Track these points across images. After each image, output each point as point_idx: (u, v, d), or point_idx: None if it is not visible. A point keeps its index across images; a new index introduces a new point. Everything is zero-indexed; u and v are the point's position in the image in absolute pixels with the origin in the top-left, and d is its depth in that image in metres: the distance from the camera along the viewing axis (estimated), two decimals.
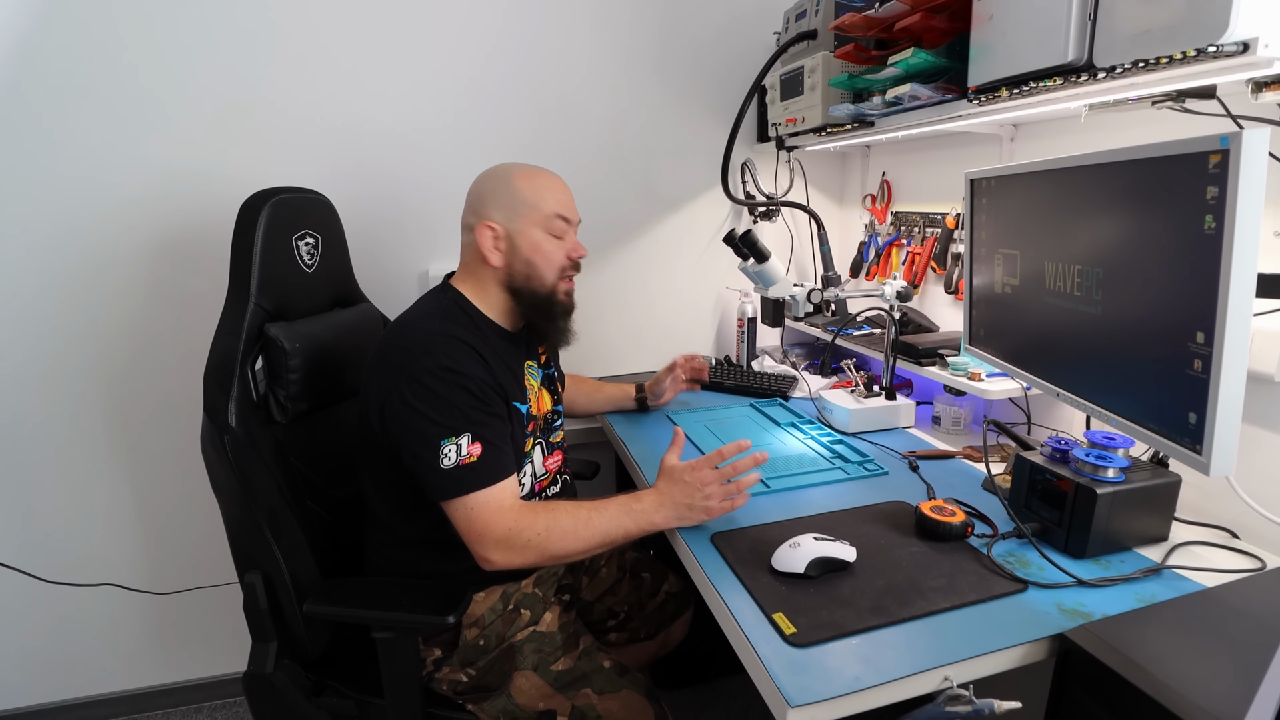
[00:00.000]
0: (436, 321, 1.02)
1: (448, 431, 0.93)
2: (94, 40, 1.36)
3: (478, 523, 0.94)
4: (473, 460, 0.94)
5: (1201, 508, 0.98)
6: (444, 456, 0.93)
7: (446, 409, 0.94)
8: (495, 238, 1.05)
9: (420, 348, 0.97)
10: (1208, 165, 0.68)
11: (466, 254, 1.09)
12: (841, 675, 0.68)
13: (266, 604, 1.04)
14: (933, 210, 1.60)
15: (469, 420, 0.95)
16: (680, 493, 0.96)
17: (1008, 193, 1.06)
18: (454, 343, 0.99)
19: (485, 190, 1.07)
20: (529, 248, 1.05)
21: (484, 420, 0.97)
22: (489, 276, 1.07)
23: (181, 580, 1.64)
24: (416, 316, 1.05)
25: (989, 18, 0.95)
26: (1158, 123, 1.00)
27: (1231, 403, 0.70)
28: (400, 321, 1.05)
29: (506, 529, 0.94)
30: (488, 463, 0.95)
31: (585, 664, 1.04)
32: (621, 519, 0.96)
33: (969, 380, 1.25)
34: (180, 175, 1.45)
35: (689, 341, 1.93)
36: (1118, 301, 0.84)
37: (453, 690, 1.04)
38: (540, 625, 1.06)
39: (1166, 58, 0.72)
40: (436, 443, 0.93)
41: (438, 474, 0.93)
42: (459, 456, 0.93)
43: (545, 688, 1.01)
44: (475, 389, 0.97)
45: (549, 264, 1.07)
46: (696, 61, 1.75)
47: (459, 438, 0.94)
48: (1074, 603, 0.79)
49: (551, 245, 1.07)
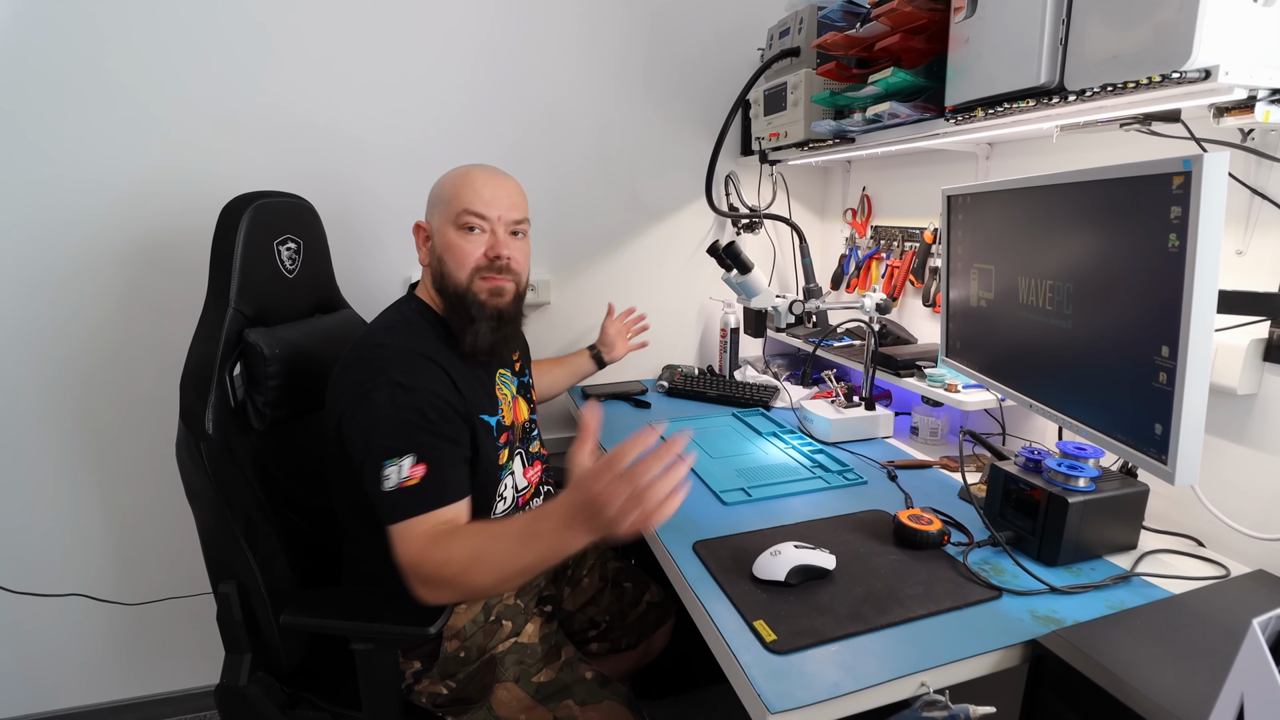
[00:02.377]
0: (397, 336, 0.99)
1: (389, 452, 0.89)
2: (72, 41, 1.34)
3: (404, 554, 0.87)
4: (413, 483, 0.88)
5: (1169, 516, 1.00)
6: (385, 478, 0.88)
7: (389, 426, 0.90)
8: (425, 237, 1.06)
9: (374, 366, 0.94)
10: (1171, 186, 0.71)
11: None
12: (821, 681, 0.69)
13: (241, 615, 1.02)
14: (911, 225, 1.63)
15: (413, 441, 0.90)
16: (586, 509, 0.75)
17: (983, 209, 1.09)
18: (413, 358, 0.95)
19: (431, 193, 1.08)
20: (441, 245, 1.03)
21: (430, 442, 0.91)
22: (429, 279, 1.07)
23: (152, 591, 1.61)
24: (376, 332, 1.01)
25: (966, 40, 0.98)
26: (1126, 144, 1.04)
27: (1195, 414, 0.72)
28: (361, 338, 1.01)
29: (430, 565, 0.85)
30: (429, 487, 0.89)
31: (567, 675, 1.03)
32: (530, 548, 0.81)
33: (946, 391, 1.28)
34: (159, 178, 1.44)
35: (672, 351, 1.94)
36: (1087, 316, 0.87)
37: (432, 703, 1.03)
38: (521, 636, 1.05)
39: (1133, 83, 0.75)
40: (379, 463, 0.88)
41: (379, 497, 0.88)
42: (400, 478, 0.88)
43: (526, 700, 1.00)
44: (426, 408, 0.92)
45: (458, 262, 1.01)
46: (682, 75, 1.78)
47: (401, 459, 0.88)
48: (1046, 609, 0.80)
49: (462, 241, 1.01)
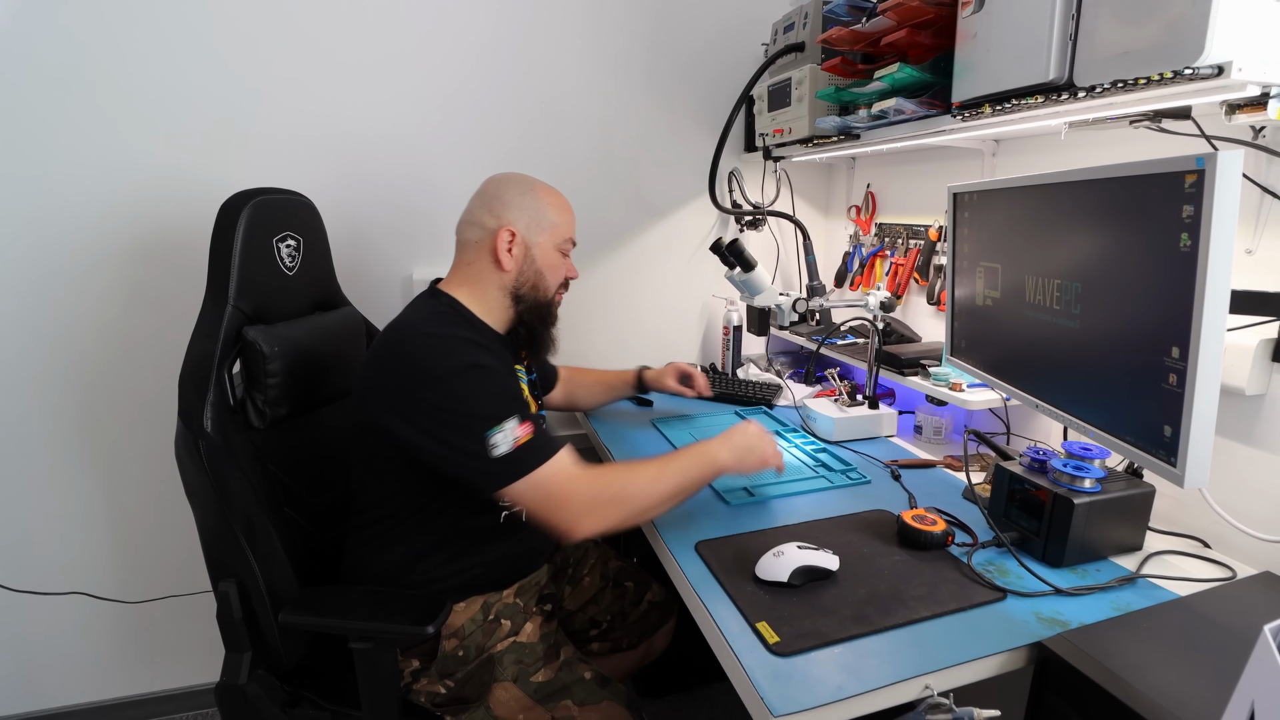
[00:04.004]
0: (443, 326, 1.01)
1: (490, 422, 0.92)
2: (71, 39, 1.33)
3: (556, 493, 0.93)
4: (528, 439, 0.93)
5: (1175, 518, 1.00)
6: (493, 446, 0.91)
7: (484, 402, 0.94)
8: (512, 243, 1.06)
9: (439, 351, 0.96)
10: (1183, 185, 0.70)
11: (470, 253, 1.08)
12: (824, 684, 0.68)
13: (241, 613, 1.01)
14: (916, 222, 1.62)
15: (509, 407, 0.95)
16: (741, 438, 1.04)
17: (989, 207, 1.08)
18: (467, 343, 0.99)
19: (509, 196, 1.08)
20: (543, 261, 1.09)
21: (521, 406, 0.97)
22: (492, 280, 1.07)
23: (152, 589, 1.60)
24: (418, 322, 1.02)
25: (973, 35, 0.97)
26: (1135, 142, 1.03)
27: (1205, 416, 0.71)
28: (401, 328, 1.02)
29: (587, 493, 0.93)
30: (542, 436, 0.95)
31: (566, 675, 1.02)
32: (689, 463, 1.00)
33: (950, 390, 1.27)
34: (159, 176, 1.43)
35: (675, 349, 1.93)
36: (1096, 316, 0.86)
37: (430, 702, 1.02)
38: (520, 636, 1.05)
39: (1144, 79, 0.74)
40: (481, 436, 0.91)
41: (495, 463, 0.91)
42: (511, 441, 0.92)
43: (525, 699, 0.99)
44: (503, 381, 0.99)
45: (555, 279, 1.12)
46: (685, 71, 1.76)
47: (505, 423, 0.92)
48: (1051, 611, 0.80)
49: (559, 262, 1.12)
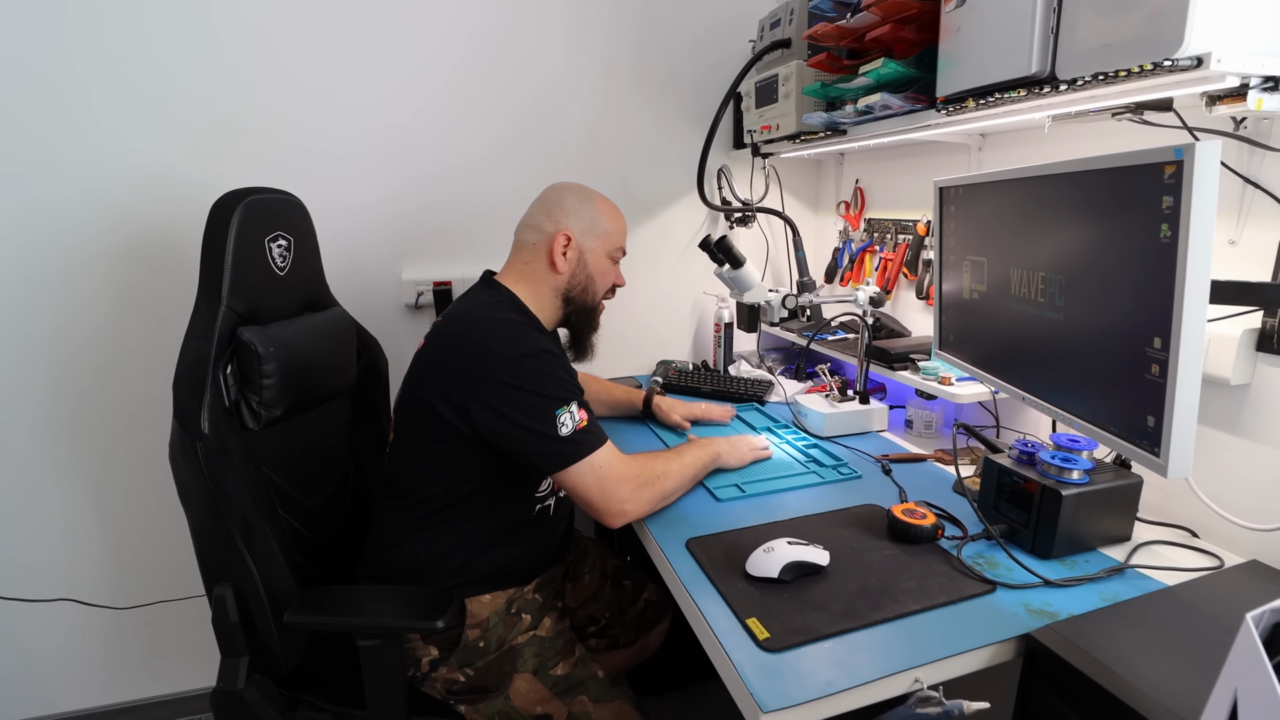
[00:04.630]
0: (510, 313, 1.08)
1: (559, 403, 0.98)
2: (60, 38, 1.32)
3: (611, 475, 1.00)
4: (586, 424, 1.01)
5: (1163, 508, 1.00)
6: (560, 425, 0.98)
7: (554, 384, 1.00)
8: (567, 247, 1.12)
9: (510, 335, 1.02)
10: (1163, 176, 0.70)
11: (527, 254, 1.14)
12: (814, 679, 0.68)
13: (238, 617, 1.01)
14: (905, 217, 1.63)
15: (573, 391, 1.02)
16: (730, 439, 1.21)
17: (975, 201, 1.08)
18: (534, 331, 1.07)
19: (568, 203, 1.15)
20: (595, 266, 1.16)
21: (580, 392, 1.04)
22: (546, 281, 1.14)
23: (142, 594, 1.59)
24: (486, 308, 1.09)
25: (957, 30, 0.97)
26: (1118, 134, 1.03)
27: (1187, 406, 0.72)
28: (468, 314, 1.09)
29: (635, 474, 1.02)
30: (596, 424, 1.03)
31: (581, 671, 1.05)
32: (697, 452, 1.14)
33: (939, 384, 1.27)
34: (149, 177, 1.42)
35: (667, 346, 1.93)
36: (1079, 307, 0.87)
37: (447, 690, 1.04)
38: (540, 630, 1.07)
39: (1125, 71, 0.75)
40: (551, 415, 0.97)
41: (559, 443, 0.97)
42: (574, 423, 0.99)
43: (544, 691, 1.02)
44: (568, 366, 1.07)
45: (604, 284, 1.20)
46: (673, 68, 1.76)
47: (570, 406, 0.99)
48: (1040, 603, 0.80)
49: (609, 269, 1.20)
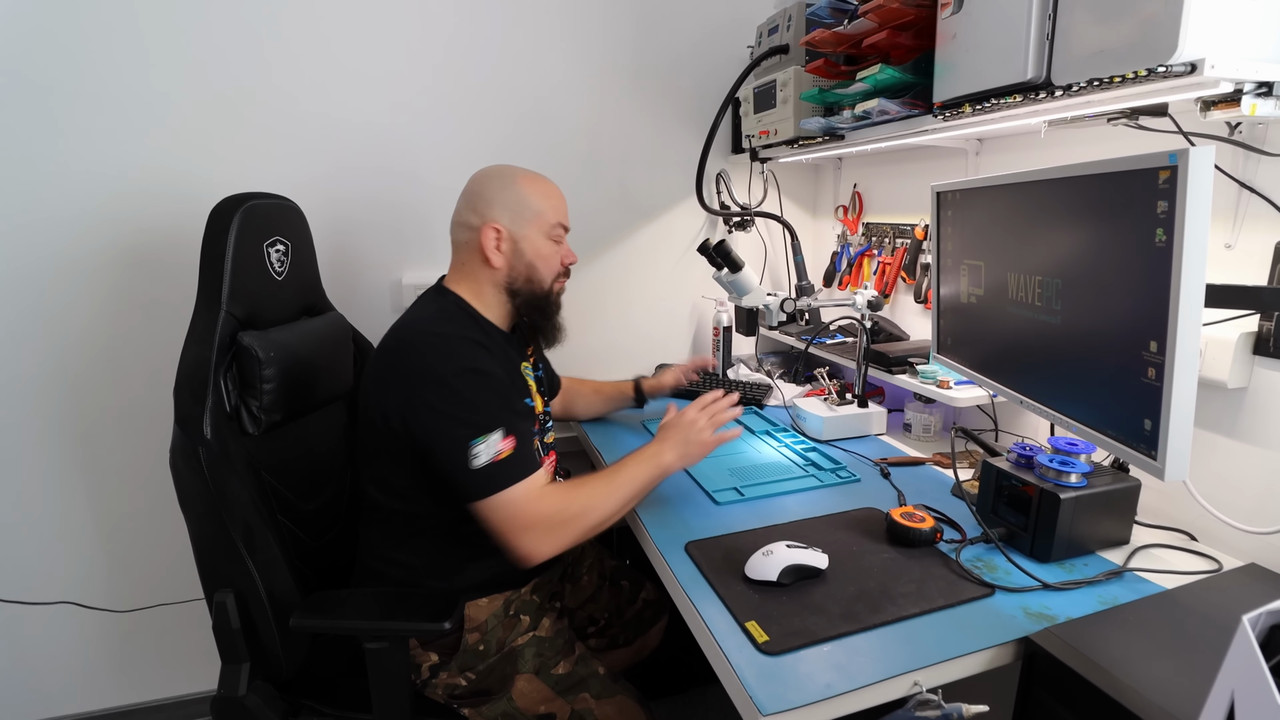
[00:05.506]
0: (448, 325, 1.03)
1: (477, 431, 0.94)
2: (56, 41, 1.33)
3: (520, 515, 0.94)
4: (507, 455, 0.95)
5: (1161, 511, 1.01)
6: (474, 456, 0.93)
7: (473, 409, 0.95)
8: (499, 239, 1.07)
9: (440, 351, 0.98)
10: (1158, 181, 0.71)
11: (463, 254, 1.10)
12: (813, 682, 0.68)
13: (239, 623, 1.01)
14: (903, 221, 1.63)
15: (497, 418, 0.96)
16: (677, 434, 1.06)
17: (972, 205, 1.08)
18: (471, 344, 1.01)
19: (490, 192, 1.08)
20: (532, 252, 1.09)
21: (510, 418, 0.99)
22: (486, 278, 1.09)
23: (142, 597, 1.59)
24: (424, 320, 1.05)
25: (953, 36, 0.98)
26: (1114, 139, 1.04)
27: (1183, 409, 0.72)
28: (408, 325, 1.05)
29: (549, 513, 0.96)
30: (521, 456, 0.97)
31: (582, 669, 1.05)
32: (637, 471, 1.02)
33: (938, 388, 1.28)
34: (145, 181, 1.42)
35: (666, 350, 1.93)
36: (1076, 311, 0.87)
37: (449, 695, 1.03)
38: (540, 630, 1.07)
39: (1120, 77, 0.75)
40: (466, 444, 0.93)
41: (470, 474, 0.93)
42: (492, 454, 0.94)
43: (547, 691, 1.01)
44: (500, 387, 1.00)
45: (549, 268, 1.11)
46: (671, 73, 1.77)
47: (490, 435, 0.94)
48: (1039, 606, 0.80)
49: (551, 250, 1.11)
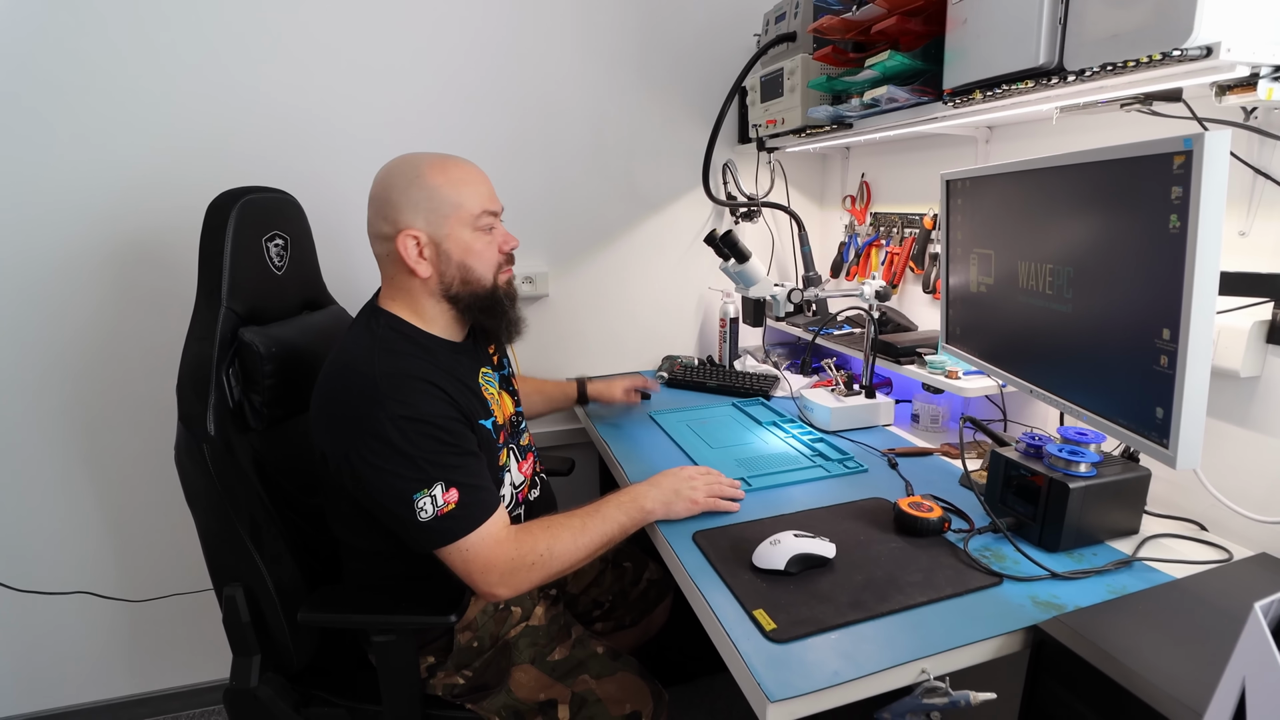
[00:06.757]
0: (377, 359, 0.92)
1: (418, 485, 0.88)
2: (55, 37, 1.33)
3: (477, 562, 0.90)
4: (451, 508, 0.89)
5: (1171, 500, 1.00)
6: (419, 510, 0.88)
7: (411, 462, 0.88)
8: (419, 246, 0.96)
9: (368, 398, 0.89)
10: (1172, 166, 0.70)
11: (388, 267, 0.99)
12: (821, 670, 0.69)
13: (249, 617, 1.02)
14: (911, 211, 1.62)
15: (438, 467, 0.89)
16: (669, 481, 1.03)
17: (982, 193, 1.07)
18: (404, 382, 0.90)
19: (395, 194, 0.95)
20: (461, 251, 0.97)
21: (455, 464, 0.91)
22: (418, 289, 0.98)
23: (156, 587, 1.61)
24: (356, 356, 0.94)
25: (963, 21, 0.97)
26: (1126, 125, 1.02)
27: (1196, 398, 0.71)
28: (338, 364, 0.95)
29: (509, 560, 0.91)
30: (468, 505, 0.90)
31: (580, 651, 1.05)
32: (614, 514, 0.99)
33: (946, 378, 1.27)
34: (144, 175, 1.42)
35: (672, 342, 1.93)
36: (1088, 300, 0.86)
37: (449, 694, 1.04)
38: (532, 620, 1.07)
39: (1133, 61, 0.74)
40: (409, 498, 0.87)
41: (419, 528, 0.89)
42: (436, 508, 0.88)
43: (544, 678, 1.02)
44: (439, 433, 0.90)
45: (485, 263, 1.00)
46: (677, 63, 1.76)
47: (431, 489, 0.88)
48: (1048, 595, 0.80)
49: (483, 243, 0.99)
